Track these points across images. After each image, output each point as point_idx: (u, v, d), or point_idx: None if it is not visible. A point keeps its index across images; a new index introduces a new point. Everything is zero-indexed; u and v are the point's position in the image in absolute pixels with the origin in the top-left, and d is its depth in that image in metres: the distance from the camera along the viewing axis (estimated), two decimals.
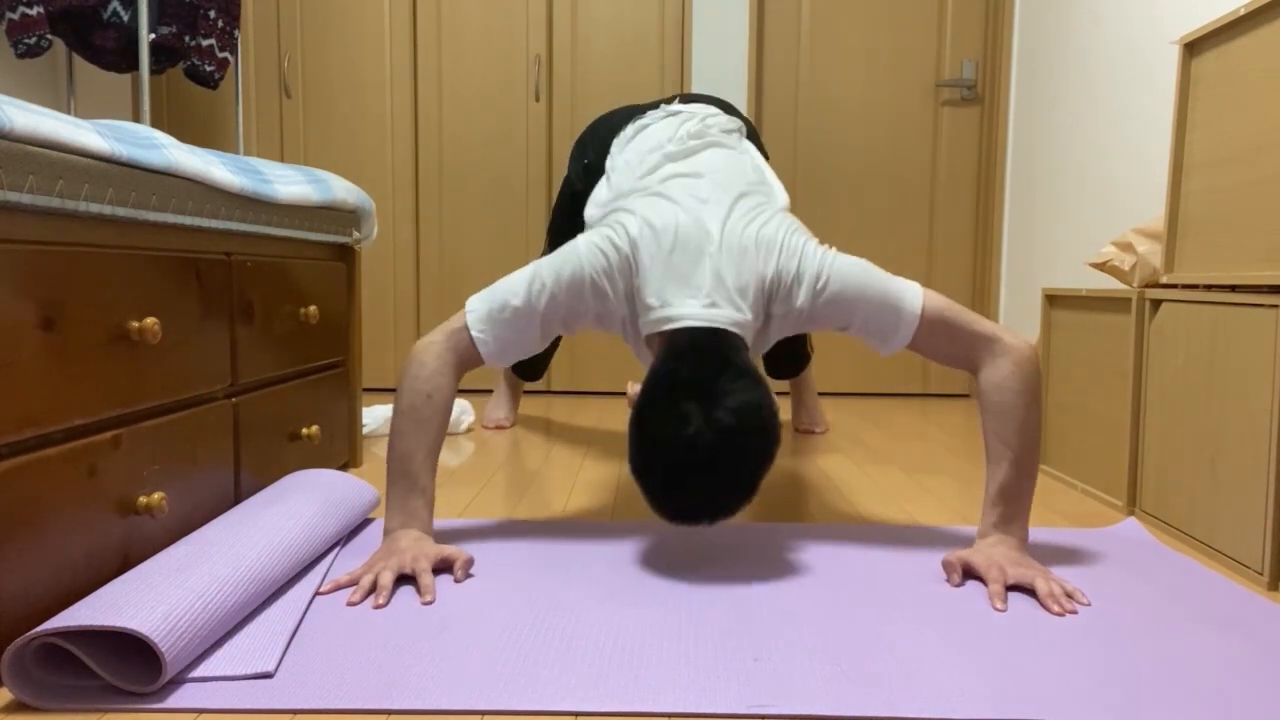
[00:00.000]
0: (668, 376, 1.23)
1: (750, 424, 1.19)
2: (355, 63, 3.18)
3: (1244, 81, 1.43)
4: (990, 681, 0.96)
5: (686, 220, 1.36)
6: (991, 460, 1.32)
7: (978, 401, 1.36)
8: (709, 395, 1.18)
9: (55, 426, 1.03)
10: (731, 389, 1.19)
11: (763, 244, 1.35)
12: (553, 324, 1.38)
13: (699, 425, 1.17)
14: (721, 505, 1.22)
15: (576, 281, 1.35)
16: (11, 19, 2.43)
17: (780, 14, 3.23)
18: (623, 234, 1.37)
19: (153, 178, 1.21)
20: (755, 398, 1.20)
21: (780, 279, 1.34)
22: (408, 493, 1.30)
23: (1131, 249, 1.80)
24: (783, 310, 1.36)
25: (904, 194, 3.29)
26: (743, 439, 1.18)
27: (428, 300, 3.25)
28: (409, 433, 1.32)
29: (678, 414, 1.18)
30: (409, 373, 1.35)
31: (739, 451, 1.18)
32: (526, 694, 0.91)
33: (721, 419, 1.17)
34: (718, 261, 1.33)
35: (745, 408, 1.18)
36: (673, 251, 1.34)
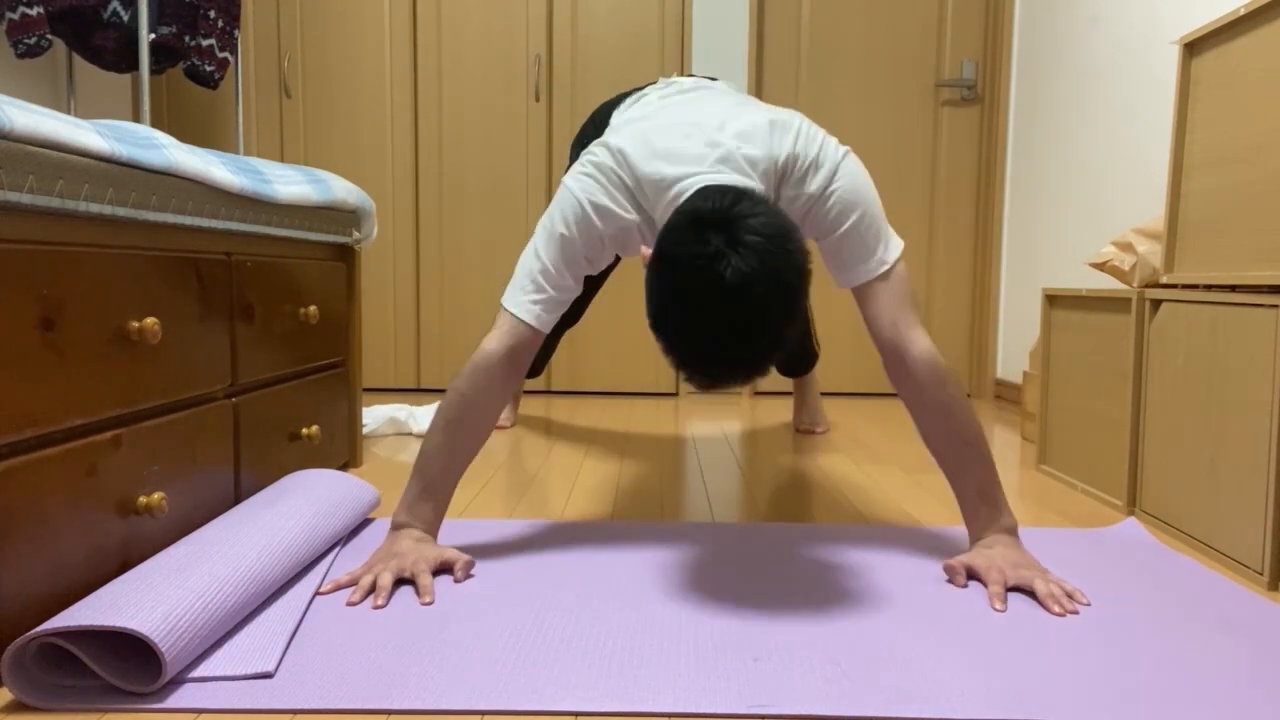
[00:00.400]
0: (686, 211, 1.12)
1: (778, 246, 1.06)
2: (355, 63, 3.18)
3: (1244, 81, 1.43)
4: (990, 681, 0.96)
5: (680, 117, 1.33)
6: (954, 461, 1.31)
7: (906, 406, 1.34)
8: (731, 222, 1.06)
9: (55, 426, 1.03)
10: (752, 212, 1.08)
11: (778, 125, 1.31)
12: (578, 265, 1.34)
13: (722, 249, 1.04)
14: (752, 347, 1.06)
15: (579, 215, 1.32)
16: (11, 19, 2.43)
17: (780, 14, 3.23)
18: (602, 151, 1.33)
19: (153, 178, 1.21)
20: (779, 221, 1.09)
21: (796, 159, 1.30)
22: (419, 495, 1.31)
23: (1131, 249, 1.80)
24: (793, 193, 1.31)
25: (904, 194, 3.29)
26: (771, 261, 1.05)
27: (428, 300, 3.25)
28: (435, 432, 1.31)
29: (700, 239, 1.06)
30: (461, 390, 1.32)
31: (768, 276, 1.04)
32: (526, 694, 0.91)
33: (748, 240, 1.05)
34: (723, 139, 1.28)
35: (770, 230, 1.06)
36: (665, 138, 1.30)
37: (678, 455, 2.19)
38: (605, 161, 1.32)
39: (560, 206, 1.34)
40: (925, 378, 1.31)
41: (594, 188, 1.32)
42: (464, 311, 3.24)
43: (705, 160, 1.26)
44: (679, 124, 1.33)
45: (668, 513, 1.65)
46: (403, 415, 2.41)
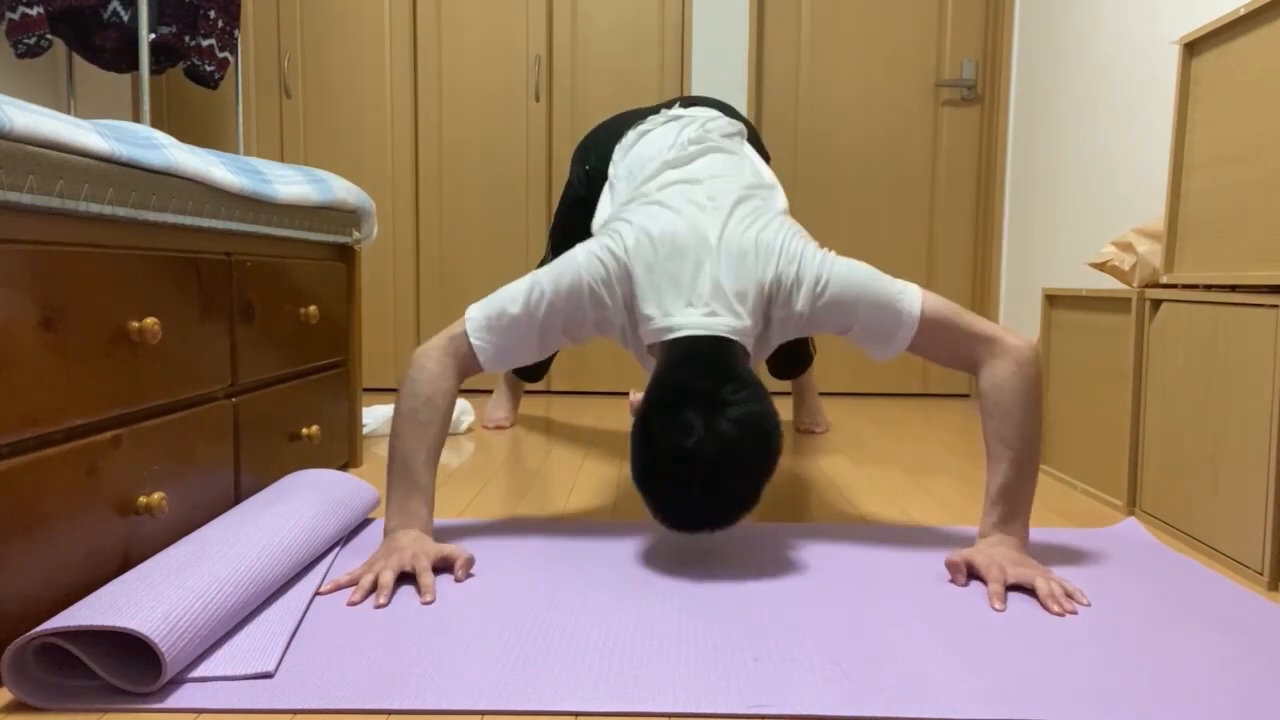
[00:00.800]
0: (670, 386, 1.23)
1: (752, 436, 1.19)
2: (355, 63, 3.18)
3: (1244, 81, 1.43)
4: (990, 681, 0.96)
5: (684, 227, 1.36)
6: (992, 460, 1.32)
7: (979, 402, 1.36)
8: (711, 405, 1.19)
9: (55, 426, 1.03)
10: (734, 399, 1.20)
11: (762, 249, 1.35)
12: (552, 332, 1.38)
13: (701, 436, 1.17)
14: (722, 516, 1.23)
15: (575, 290, 1.36)
16: (11, 19, 2.43)
17: (780, 14, 3.23)
18: (619, 243, 1.37)
19: (153, 178, 1.21)
20: (758, 409, 1.21)
21: (780, 283, 1.34)
22: (408, 493, 1.31)
23: (1131, 249, 1.80)
24: (783, 314, 1.36)
25: (904, 194, 3.29)
26: (745, 451, 1.19)
27: (428, 300, 3.25)
28: (409, 434, 1.32)
29: (680, 424, 1.18)
30: (409, 376, 1.36)
31: (741, 464, 1.19)
32: (526, 694, 0.91)
33: (724, 430, 1.17)
34: (716, 268, 1.33)
35: (748, 419, 1.19)
36: (669, 259, 1.34)
37: None
38: (620, 256, 1.36)
39: (564, 272, 1.37)
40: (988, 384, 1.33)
41: (601, 274, 1.36)
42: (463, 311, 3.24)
43: (701, 295, 1.32)
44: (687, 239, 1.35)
45: None
46: None
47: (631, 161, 1.66)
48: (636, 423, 1.24)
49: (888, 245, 3.29)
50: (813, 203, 3.28)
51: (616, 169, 1.72)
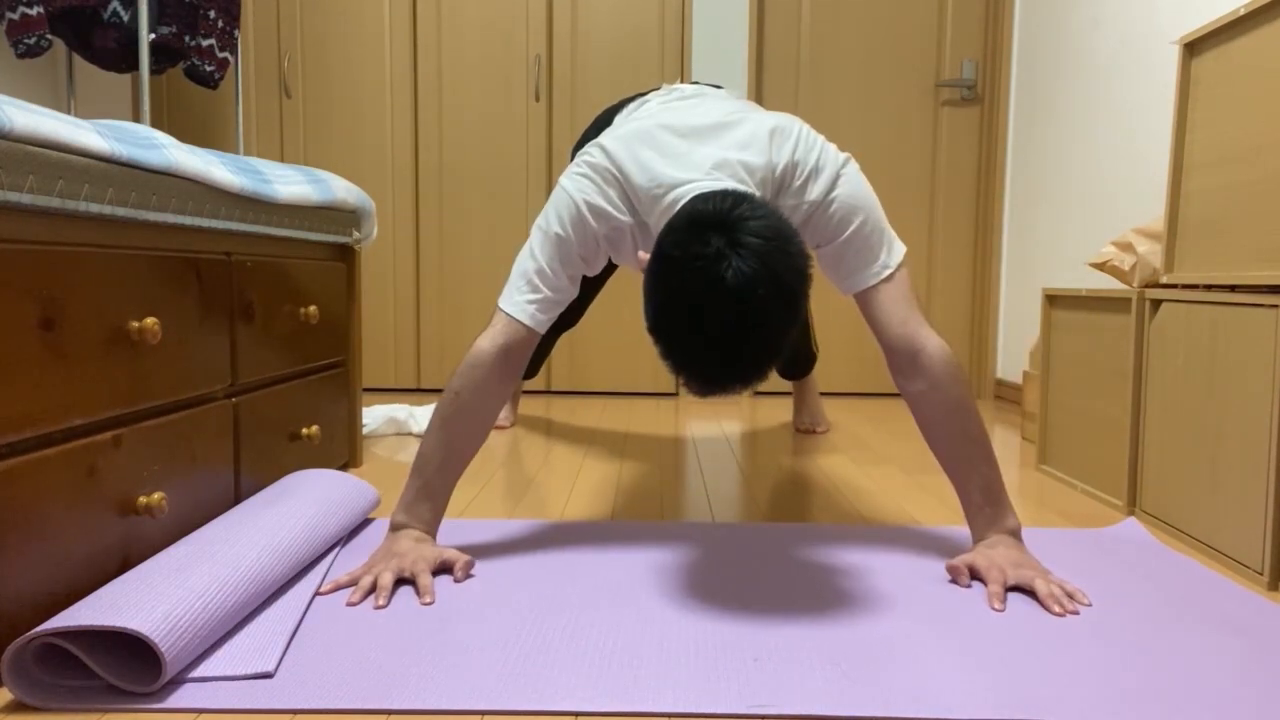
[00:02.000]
0: (685, 214, 1.10)
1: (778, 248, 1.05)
2: (355, 63, 3.18)
3: (1244, 81, 1.43)
4: (990, 681, 0.96)
5: (678, 121, 1.32)
6: (960, 461, 1.31)
7: (915, 404, 1.33)
8: (731, 224, 1.05)
9: (55, 426, 1.03)
10: (754, 215, 1.07)
11: (777, 133, 1.30)
12: (573, 265, 1.33)
13: (722, 249, 1.03)
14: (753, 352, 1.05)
15: (573, 215, 1.32)
16: (11, 19, 2.43)
17: (780, 14, 3.23)
18: (598, 152, 1.33)
19: (153, 178, 1.21)
20: (779, 224, 1.08)
21: (795, 167, 1.29)
22: (418, 495, 1.30)
23: (1131, 249, 1.80)
24: (793, 202, 1.30)
25: (904, 194, 3.29)
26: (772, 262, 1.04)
27: (428, 300, 3.25)
28: (432, 432, 1.31)
29: (700, 240, 1.05)
30: (457, 372, 1.32)
31: (769, 278, 1.03)
32: (526, 694, 0.91)
33: (749, 242, 1.04)
34: (717, 146, 1.28)
35: (770, 231, 1.06)
36: (662, 142, 1.29)
37: (678, 455, 2.19)
38: (600, 162, 1.32)
39: (555, 206, 1.34)
40: (941, 375, 1.30)
41: (588, 187, 1.32)
42: (464, 311, 3.24)
43: (702, 166, 1.26)
44: (677, 128, 1.32)
45: (668, 513, 1.65)
46: (403, 415, 2.41)
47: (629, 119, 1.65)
48: (651, 259, 1.10)
49: None
50: None
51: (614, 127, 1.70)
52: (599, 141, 1.35)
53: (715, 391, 1.10)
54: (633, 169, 1.29)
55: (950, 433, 1.31)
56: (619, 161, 1.31)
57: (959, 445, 1.31)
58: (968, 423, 1.30)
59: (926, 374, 1.31)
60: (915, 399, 1.33)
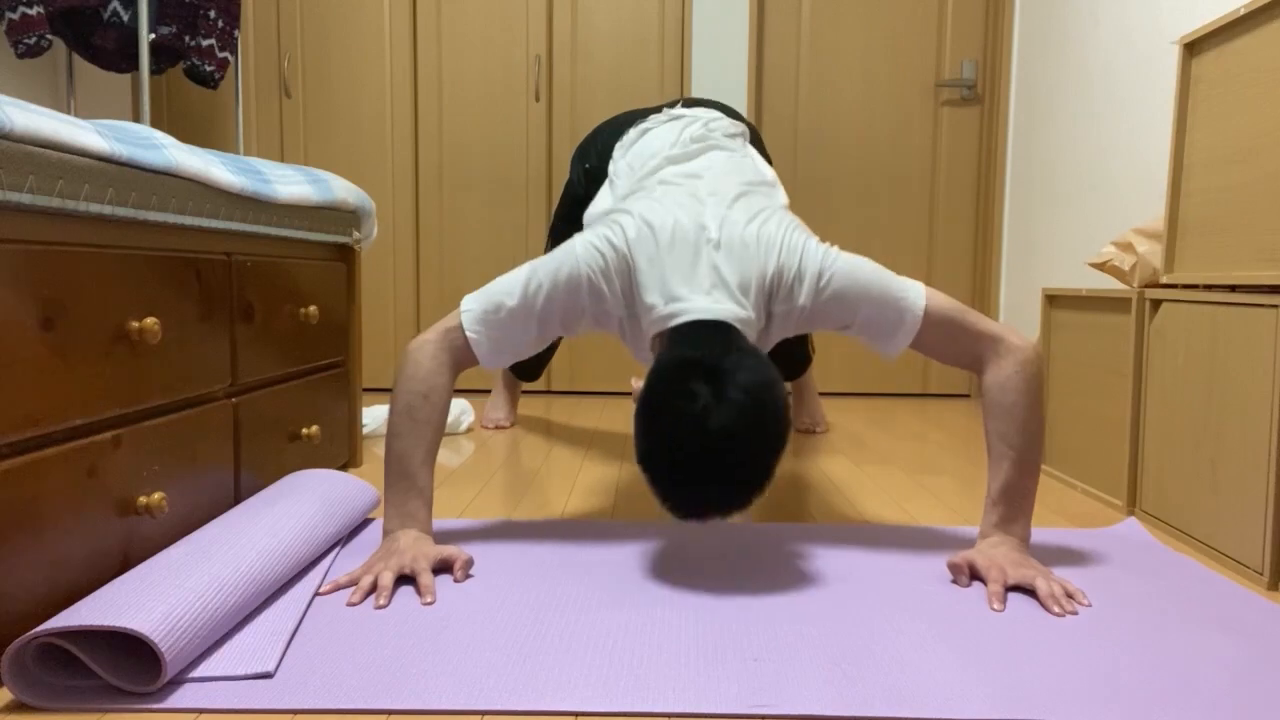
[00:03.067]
0: (674, 360, 1.19)
1: (762, 401, 1.14)
2: (355, 63, 3.18)
3: (1244, 81, 1.43)
4: (990, 681, 0.96)
5: (685, 219, 1.35)
6: (993, 460, 1.32)
7: (981, 401, 1.36)
8: (718, 375, 1.14)
9: (55, 426, 1.03)
10: (741, 367, 1.15)
11: (763, 241, 1.34)
12: (550, 325, 1.37)
13: (709, 403, 1.12)
14: (736, 494, 1.15)
15: (573, 282, 1.34)
16: (11, 19, 2.43)
17: (780, 14, 3.23)
18: (619, 233, 1.36)
19: (153, 178, 1.21)
20: (765, 376, 1.16)
21: (781, 276, 1.33)
22: (406, 493, 1.30)
23: (1131, 249, 1.80)
24: (785, 309, 1.35)
25: (904, 194, 3.29)
26: (756, 417, 1.13)
27: (428, 300, 3.25)
28: (406, 433, 1.31)
29: (687, 392, 1.13)
30: (404, 372, 1.34)
31: (754, 431, 1.13)
32: (526, 694, 0.91)
33: (733, 397, 1.12)
34: (717, 259, 1.32)
35: (756, 385, 1.14)
36: (671, 250, 1.32)
37: None
38: (620, 247, 1.34)
39: (561, 264, 1.35)
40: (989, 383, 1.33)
41: (599, 265, 1.34)
42: None
43: (702, 284, 1.30)
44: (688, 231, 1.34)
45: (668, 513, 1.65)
46: None
47: (632, 158, 1.66)
48: (640, 401, 1.19)
49: (888, 245, 3.29)
50: (813, 203, 3.27)
51: (617, 165, 1.71)
52: (623, 223, 1.37)
53: (696, 520, 1.19)
54: (644, 270, 1.33)
55: (989, 431, 1.33)
56: (634, 255, 1.34)
57: (994, 444, 1.32)
58: (1007, 426, 1.30)
59: (983, 383, 1.35)
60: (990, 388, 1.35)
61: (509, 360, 1.39)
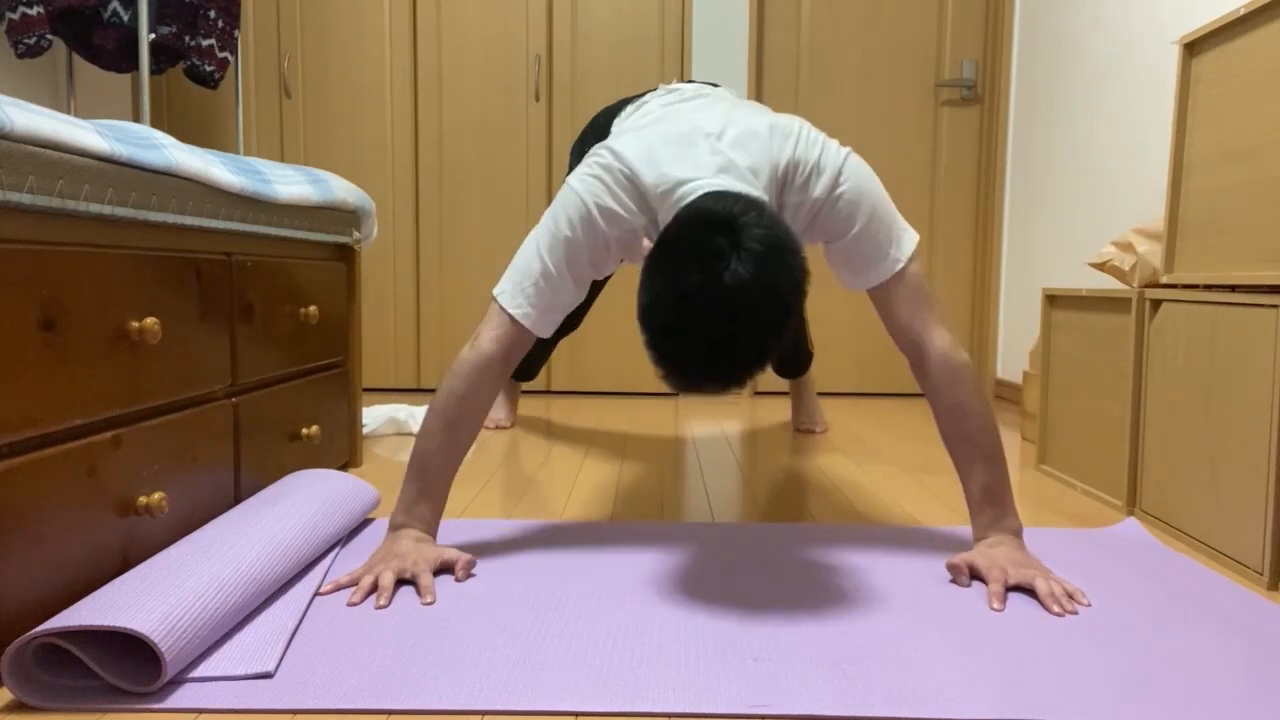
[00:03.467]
0: (693, 212, 1.11)
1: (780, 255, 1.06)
2: (355, 63, 3.18)
3: (1244, 81, 1.43)
4: (990, 681, 0.96)
5: (674, 127, 1.32)
6: (961, 461, 1.32)
7: (931, 403, 1.34)
8: (736, 228, 1.06)
9: (55, 426, 1.03)
10: (758, 223, 1.07)
11: (778, 131, 1.30)
12: (580, 268, 1.32)
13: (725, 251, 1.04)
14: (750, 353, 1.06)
15: (584, 217, 1.30)
16: (11, 19, 2.43)
17: (780, 14, 3.23)
18: (608, 154, 1.32)
19: (153, 178, 1.21)
20: (782, 232, 1.09)
21: (798, 165, 1.29)
22: (418, 494, 1.30)
23: (1131, 249, 1.80)
24: (797, 200, 1.30)
25: (904, 194, 3.29)
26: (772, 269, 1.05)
27: (428, 300, 3.25)
28: (434, 432, 1.30)
29: (705, 237, 1.06)
30: (450, 370, 1.31)
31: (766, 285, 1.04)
32: (526, 694, 0.91)
33: (751, 246, 1.04)
34: (720, 147, 1.27)
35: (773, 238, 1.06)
36: (666, 146, 1.29)
37: (678, 455, 2.19)
38: (610, 163, 1.31)
39: (565, 207, 1.32)
40: (939, 378, 1.31)
41: (599, 189, 1.30)
42: (464, 312, 3.24)
43: (709, 167, 1.26)
44: (682, 130, 1.32)
45: (668, 513, 1.65)
46: (403, 415, 2.41)
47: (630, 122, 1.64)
48: (652, 251, 1.10)
49: None
50: None
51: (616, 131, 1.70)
52: (608, 144, 1.34)
53: (692, 388, 1.10)
54: (643, 168, 1.28)
55: (948, 433, 1.33)
56: (629, 161, 1.29)
57: (957, 445, 1.32)
58: (965, 424, 1.30)
59: (928, 375, 1.33)
60: (927, 397, 1.35)
61: (558, 320, 1.35)
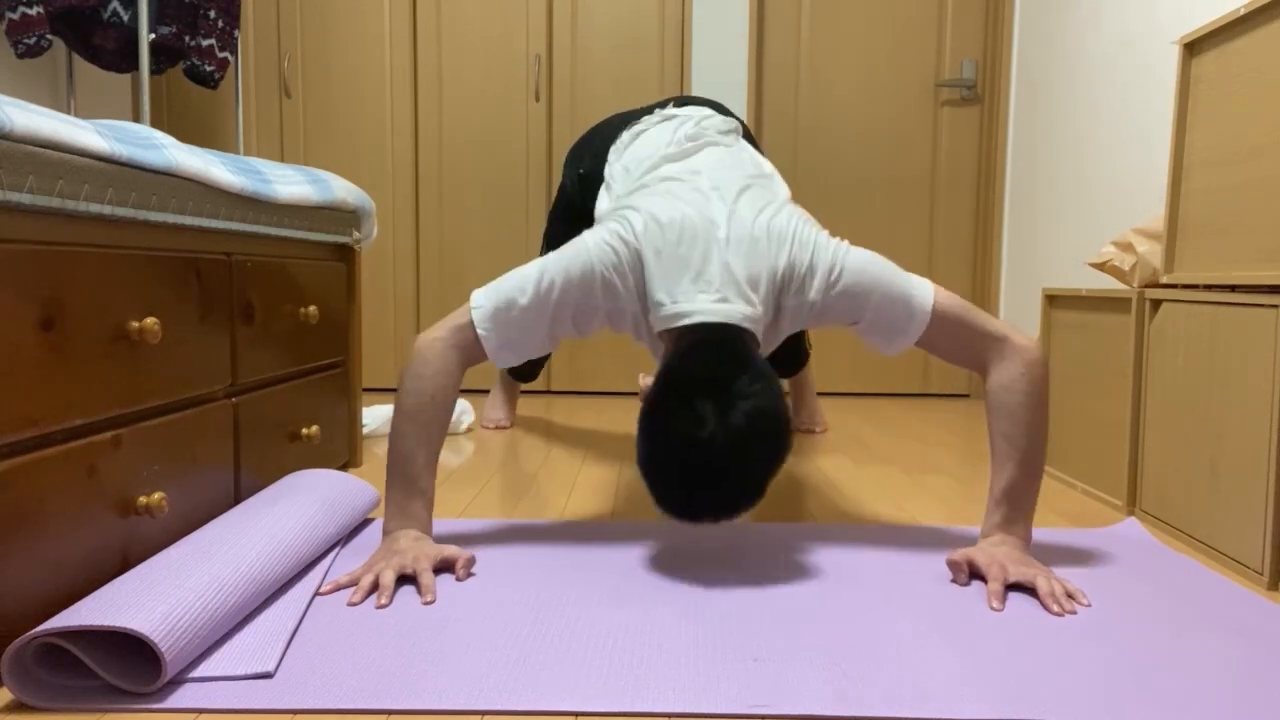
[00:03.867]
0: (682, 375, 1.21)
1: (764, 430, 1.17)
2: (355, 63, 3.18)
3: (1244, 81, 1.43)
4: (990, 681, 0.96)
5: (692, 213, 1.34)
6: (997, 460, 1.32)
7: (985, 401, 1.36)
8: (724, 396, 1.17)
9: (55, 426, 1.03)
10: (748, 392, 1.18)
11: (774, 235, 1.33)
12: (561, 323, 1.35)
13: (713, 427, 1.15)
14: (730, 506, 1.21)
15: (587, 279, 1.33)
16: (11, 19, 2.43)
17: (780, 14, 3.23)
18: (629, 228, 1.35)
19: (153, 178, 1.21)
20: (771, 403, 1.19)
21: (793, 270, 1.32)
22: (408, 495, 1.30)
23: (1131, 249, 1.80)
24: (795, 303, 1.34)
25: (904, 194, 3.29)
26: (756, 444, 1.17)
27: (428, 300, 3.25)
28: (411, 434, 1.31)
29: (692, 413, 1.16)
30: (412, 371, 1.33)
31: (751, 456, 1.18)
32: (526, 694, 0.91)
33: (737, 423, 1.16)
34: (726, 254, 1.31)
35: (760, 412, 1.17)
36: (679, 244, 1.31)
37: None
38: (631, 241, 1.34)
39: (575, 260, 1.34)
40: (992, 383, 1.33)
41: (612, 262, 1.33)
42: None
43: (712, 282, 1.29)
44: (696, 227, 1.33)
45: None
46: None
47: (628, 160, 1.66)
48: (645, 409, 1.22)
49: (888, 245, 3.28)
50: (813, 203, 3.27)
51: (612, 169, 1.71)
52: (631, 219, 1.36)
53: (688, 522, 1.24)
54: (651, 265, 1.32)
55: (994, 431, 1.33)
56: (644, 251, 1.33)
57: (998, 444, 1.32)
58: (1012, 428, 1.31)
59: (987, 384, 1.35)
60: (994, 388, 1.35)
61: (515, 360, 1.38)
